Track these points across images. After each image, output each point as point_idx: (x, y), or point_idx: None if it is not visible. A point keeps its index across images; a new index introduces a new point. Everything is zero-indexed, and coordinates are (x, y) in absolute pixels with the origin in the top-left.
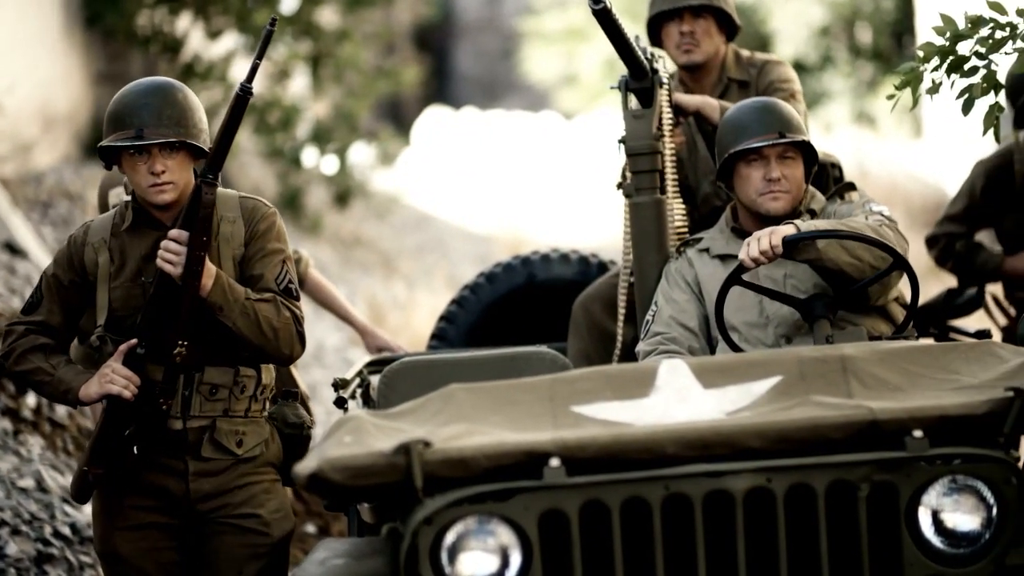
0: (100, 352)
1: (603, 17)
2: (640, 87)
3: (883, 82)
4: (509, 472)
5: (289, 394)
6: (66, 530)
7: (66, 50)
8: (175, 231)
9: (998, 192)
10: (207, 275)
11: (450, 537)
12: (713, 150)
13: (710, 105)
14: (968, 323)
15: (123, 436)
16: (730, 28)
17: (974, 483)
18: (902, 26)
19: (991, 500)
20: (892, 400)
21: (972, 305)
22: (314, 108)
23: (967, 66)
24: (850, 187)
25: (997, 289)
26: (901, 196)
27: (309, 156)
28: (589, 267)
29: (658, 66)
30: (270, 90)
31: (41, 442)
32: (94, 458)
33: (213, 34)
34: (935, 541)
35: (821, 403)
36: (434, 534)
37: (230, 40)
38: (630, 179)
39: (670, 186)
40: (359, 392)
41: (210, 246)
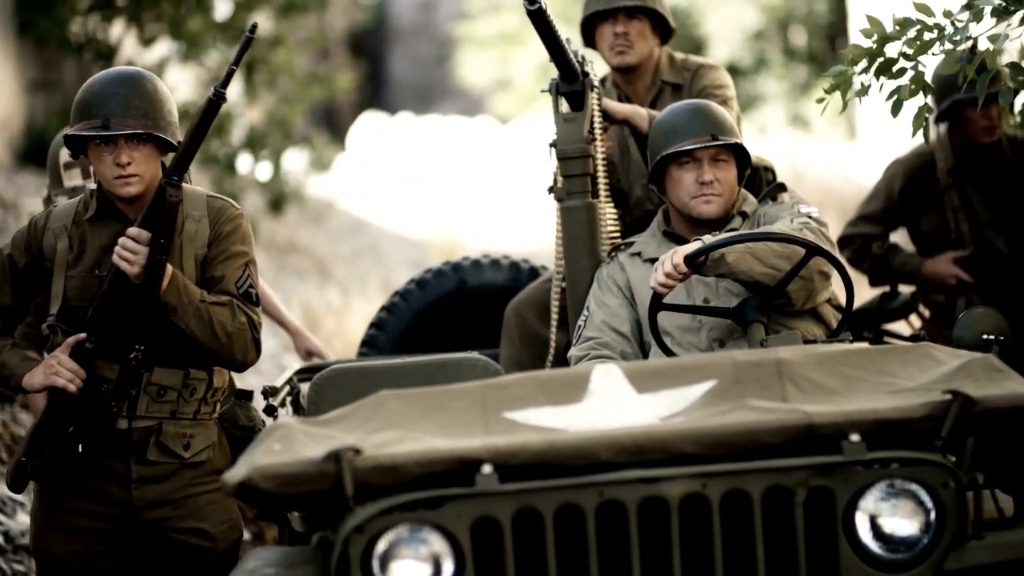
0: (50, 341)
1: (537, 18)
2: (571, 90)
3: (817, 85)
4: (441, 479)
5: (243, 394)
6: None
7: None
8: (135, 230)
9: (917, 192)
10: (163, 275)
11: (381, 545)
12: (645, 153)
13: (639, 114)
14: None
15: (67, 433)
16: (664, 30)
17: (912, 487)
18: (836, 29)
19: (929, 504)
20: (828, 404)
21: (906, 309)
22: (248, 114)
23: (895, 68)
24: (781, 188)
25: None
26: (836, 198)
27: (243, 162)
28: (520, 272)
29: (589, 68)
30: (204, 96)
31: None
32: (33, 449)
33: (147, 41)
34: (873, 546)
35: (756, 407)
36: (365, 542)
37: (163, 47)
38: (561, 183)
39: (602, 190)
40: (289, 400)
41: (171, 249)
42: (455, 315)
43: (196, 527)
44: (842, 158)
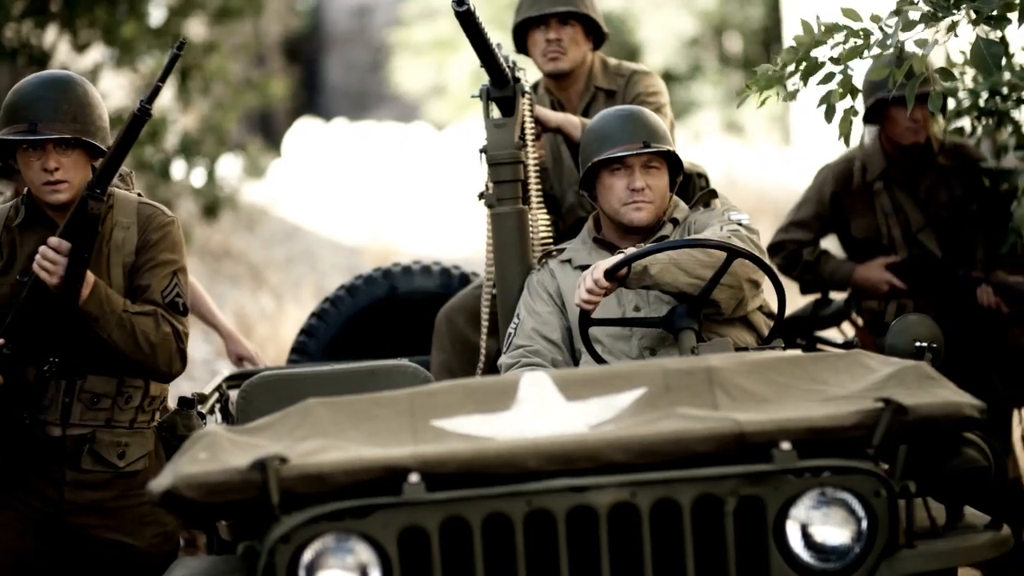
0: None
1: (466, 19)
2: (502, 96)
3: (748, 90)
4: (368, 488)
5: (185, 402)
6: None
7: None
8: (55, 240)
9: (848, 197)
10: (84, 284)
11: (308, 555)
12: (578, 160)
13: (571, 123)
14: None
15: None
16: (597, 36)
17: (843, 496)
18: (770, 35)
19: (860, 513)
20: (759, 412)
21: (839, 316)
22: (182, 120)
23: (823, 72)
24: (712, 195)
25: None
26: (770, 204)
27: (177, 168)
28: (451, 279)
29: (520, 74)
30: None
31: None
32: None
33: (80, 47)
34: (804, 555)
35: (687, 416)
36: (291, 552)
37: (97, 53)
38: (492, 189)
39: (533, 196)
40: (218, 407)
41: (89, 261)
42: (386, 322)
43: (122, 540)
44: (776, 164)
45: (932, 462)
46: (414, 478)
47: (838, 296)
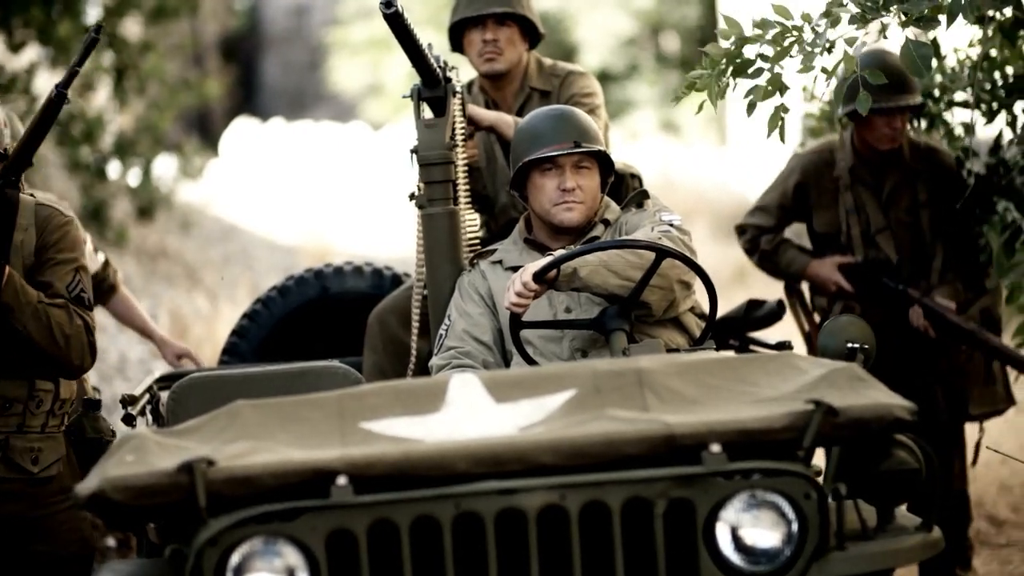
0: None
1: (394, 21)
2: (433, 96)
3: (684, 91)
4: (296, 491)
5: (90, 404)
6: None
7: None
8: None
9: (813, 190)
10: (3, 274)
11: (235, 558)
12: (511, 160)
13: (505, 121)
14: (771, 333)
15: None
16: (533, 36)
17: (773, 498)
18: (707, 34)
19: (791, 515)
20: (689, 414)
21: (772, 317)
22: (118, 120)
23: (751, 69)
24: (644, 196)
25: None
26: (707, 204)
27: (113, 168)
28: (383, 280)
29: (452, 74)
30: (73, 102)
31: None
32: None
33: (15, 47)
34: (734, 558)
35: (616, 417)
36: (219, 555)
37: (32, 52)
38: (423, 190)
39: (463, 197)
40: (148, 409)
41: (9, 250)
42: (318, 323)
43: (42, 550)
44: (713, 163)
45: (863, 464)
46: (342, 481)
47: (771, 298)
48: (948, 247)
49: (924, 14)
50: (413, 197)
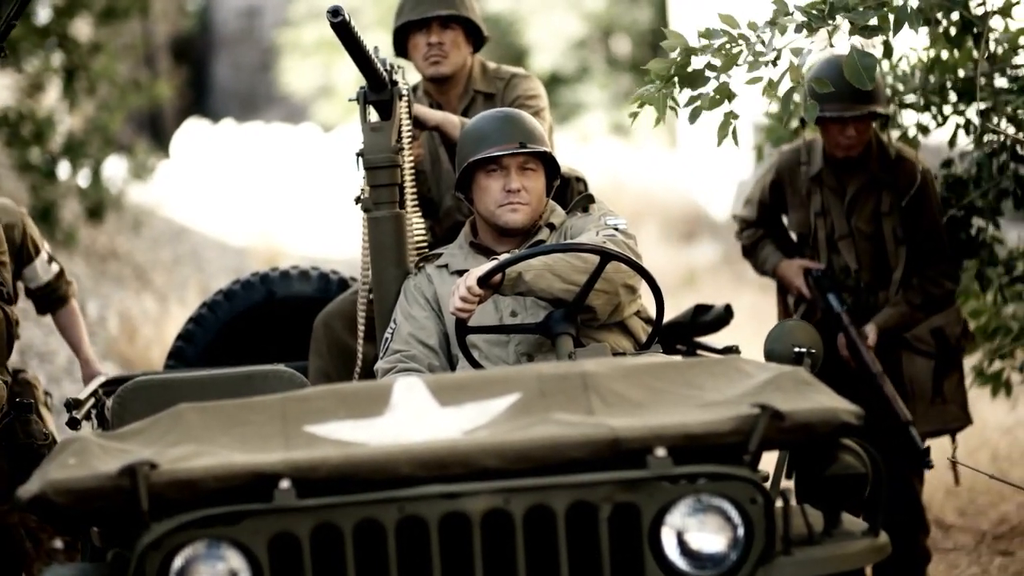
0: None
1: (342, 30)
2: (379, 99)
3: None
4: (239, 494)
5: (22, 407)
6: None
7: None
8: None
9: (788, 187)
10: None
11: (178, 562)
12: (455, 161)
13: (451, 122)
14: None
15: None
16: (477, 39)
17: (719, 502)
18: (658, 37)
19: (737, 520)
20: (635, 417)
21: (720, 322)
22: (68, 121)
23: (699, 80)
24: (589, 200)
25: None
26: (658, 207)
27: (63, 169)
28: (330, 283)
29: (398, 76)
30: (23, 103)
31: None
32: None
33: None
34: (679, 562)
35: (561, 421)
36: (161, 559)
37: None
38: (368, 193)
39: (409, 200)
40: (94, 413)
41: None
42: (264, 327)
43: None
44: (663, 167)
45: (809, 468)
46: (285, 484)
47: (719, 303)
48: (910, 259)
49: (870, 22)
50: (359, 200)
